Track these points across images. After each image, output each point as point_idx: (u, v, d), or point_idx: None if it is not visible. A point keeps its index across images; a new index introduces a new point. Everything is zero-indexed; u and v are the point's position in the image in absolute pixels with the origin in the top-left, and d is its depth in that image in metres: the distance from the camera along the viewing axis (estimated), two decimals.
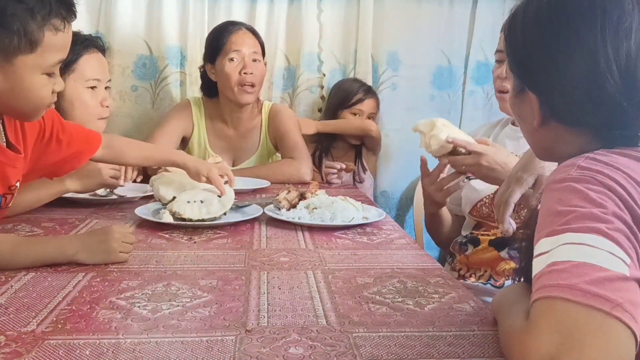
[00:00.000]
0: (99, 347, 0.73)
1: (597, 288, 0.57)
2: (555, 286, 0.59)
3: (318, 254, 1.18)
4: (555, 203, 0.67)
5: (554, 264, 0.61)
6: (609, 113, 0.76)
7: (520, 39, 0.84)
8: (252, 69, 2.04)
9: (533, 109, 0.82)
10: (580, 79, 0.76)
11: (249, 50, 2.05)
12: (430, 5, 2.46)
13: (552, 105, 0.80)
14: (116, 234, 1.07)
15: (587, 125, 0.78)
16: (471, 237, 1.57)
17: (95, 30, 2.30)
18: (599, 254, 0.60)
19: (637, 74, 0.75)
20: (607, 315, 0.56)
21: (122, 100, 2.35)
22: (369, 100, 2.36)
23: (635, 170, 0.69)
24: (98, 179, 1.52)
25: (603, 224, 0.62)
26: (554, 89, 0.79)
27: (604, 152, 0.72)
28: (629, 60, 0.74)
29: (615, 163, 0.69)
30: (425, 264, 1.14)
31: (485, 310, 0.89)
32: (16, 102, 1.11)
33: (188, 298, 0.91)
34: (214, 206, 1.37)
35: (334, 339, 0.77)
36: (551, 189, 0.70)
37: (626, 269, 0.59)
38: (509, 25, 0.87)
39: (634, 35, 0.75)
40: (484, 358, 0.74)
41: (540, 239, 0.65)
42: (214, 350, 0.73)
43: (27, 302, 0.87)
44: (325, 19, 2.42)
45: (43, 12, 1.05)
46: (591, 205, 0.64)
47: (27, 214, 1.43)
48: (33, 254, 1.03)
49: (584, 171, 0.68)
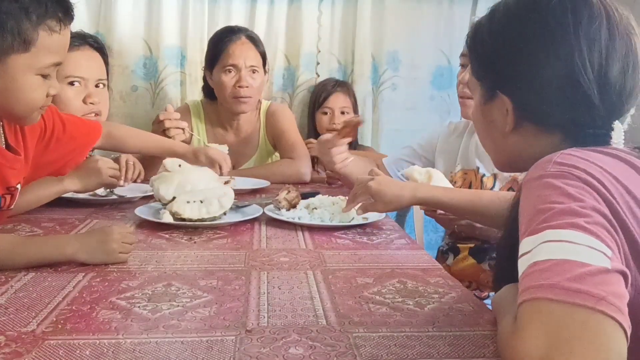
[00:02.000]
0: (99, 347, 0.73)
1: (579, 284, 0.57)
2: (538, 287, 0.59)
3: (318, 254, 1.18)
4: (534, 201, 0.67)
5: (536, 264, 0.61)
6: (582, 111, 0.78)
7: (489, 44, 0.86)
8: (248, 82, 2.02)
9: (504, 113, 0.84)
10: (555, 78, 0.78)
11: (246, 62, 2.02)
12: (430, 5, 2.47)
13: (527, 106, 0.81)
14: (116, 234, 1.07)
15: (560, 125, 0.80)
16: (452, 246, 1.58)
17: (95, 30, 2.30)
18: (579, 249, 0.60)
19: (608, 73, 0.77)
20: (591, 310, 0.56)
21: (122, 100, 2.36)
22: (337, 95, 2.32)
23: (609, 165, 0.69)
24: (98, 179, 1.51)
25: (582, 219, 0.62)
26: (528, 89, 0.80)
27: (578, 149, 0.73)
28: (600, 59, 0.76)
29: (589, 158, 0.70)
30: (425, 264, 1.14)
31: (485, 310, 0.89)
32: (8, 103, 1.10)
33: (188, 298, 0.91)
34: (214, 206, 1.37)
35: (334, 339, 0.77)
36: (529, 186, 0.70)
37: (607, 261, 0.59)
38: (473, 35, 0.89)
39: (603, 35, 0.77)
40: (484, 358, 0.74)
41: (522, 239, 0.66)
42: (214, 350, 0.73)
43: (27, 302, 0.87)
44: (325, 20, 2.42)
45: (38, 12, 1.04)
46: (569, 201, 0.64)
47: (27, 214, 1.43)
48: (32, 254, 1.03)
49: (561, 166, 0.69)
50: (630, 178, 0.69)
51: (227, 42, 2.03)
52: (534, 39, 0.79)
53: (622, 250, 0.63)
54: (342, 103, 2.32)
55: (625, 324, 0.56)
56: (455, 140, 1.70)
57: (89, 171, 1.50)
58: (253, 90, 2.04)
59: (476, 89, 0.91)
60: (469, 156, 1.63)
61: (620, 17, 0.79)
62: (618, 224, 0.64)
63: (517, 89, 0.82)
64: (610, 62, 0.77)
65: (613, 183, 0.67)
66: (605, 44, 0.77)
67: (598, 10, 0.78)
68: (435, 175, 1.43)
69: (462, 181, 1.60)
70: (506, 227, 0.86)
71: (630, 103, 0.80)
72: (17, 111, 1.13)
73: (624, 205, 0.66)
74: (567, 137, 0.80)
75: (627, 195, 0.67)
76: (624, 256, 0.63)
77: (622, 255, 0.63)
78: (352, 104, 2.37)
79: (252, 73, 2.04)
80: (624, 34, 0.78)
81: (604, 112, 0.77)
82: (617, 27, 0.78)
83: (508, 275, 0.79)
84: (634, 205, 0.66)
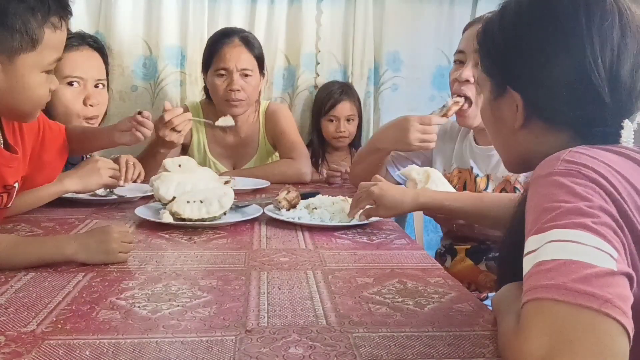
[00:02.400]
0: (99, 347, 0.73)
1: (584, 285, 0.57)
2: (543, 287, 0.59)
3: (318, 254, 1.18)
4: (542, 199, 0.67)
5: (541, 263, 0.61)
6: (593, 109, 0.77)
7: (500, 40, 0.85)
8: (240, 85, 2.01)
9: (514, 109, 0.83)
10: (566, 75, 0.77)
11: (237, 65, 2.01)
12: (431, 5, 2.47)
13: (537, 102, 0.81)
14: (115, 234, 1.07)
15: (570, 123, 0.80)
16: (449, 248, 1.58)
17: (95, 30, 2.30)
18: (585, 250, 0.60)
19: (619, 71, 0.77)
20: (596, 312, 0.56)
21: (122, 100, 2.36)
22: (343, 104, 2.33)
23: (618, 164, 0.69)
24: (98, 179, 1.51)
25: (589, 219, 0.62)
26: (539, 85, 0.80)
27: (587, 147, 0.73)
28: (612, 56, 0.76)
29: (598, 156, 0.70)
30: (425, 264, 1.14)
31: (485, 310, 0.89)
32: (16, 101, 1.11)
33: (188, 298, 0.91)
34: (214, 206, 1.37)
35: (333, 339, 0.77)
36: (537, 184, 0.70)
37: (613, 263, 0.59)
38: (484, 31, 0.88)
39: (615, 33, 0.76)
40: (483, 358, 0.73)
41: (528, 237, 0.65)
42: (214, 350, 0.73)
43: (27, 302, 0.87)
44: (325, 20, 2.42)
45: (42, 11, 1.06)
46: (577, 200, 0.64)
47: (27, 214, 1.43)
48: (31, 254, 1.03)
49: (569, 164, 0.68)
50: (638, 177, 0.68)
51: (220, 45, 2.03)
52: (546, 36, 0.79)
53: (628, 250, 0.63)
54: (349, 111, 2.35)
55: (628, 327, 0.56)
56: (450, 140, 1.71)
57: (89, 171, 1.51)
58: (245, 94, 2.03)
59: (486, 85, 0.90)
60: (463, 156, 1.63)
61: (633, 15, 0.78)
62: (625, 224, 0.64)
63: (527, 85, 0.82)
64: (621, 60, 0.76)
65: (621, 182, 0.66)
66: (617, 41, 0.76)
67: (610, 7, 0.77)
68: (433, 174, 1.42)
69: (457, 179, 1.61)
70: (510, 226, 0.86)
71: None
72: (24, 109, 1.14)
73: (632, 205, 0.65)
74: (577, 135, 0.79)
75: (635, 194, 0.66)
76: (630, 255, 0.63)
77: (628, 254, 0.62)
78: (357, 110, 2.40)
79: (245, 77, 2.03)
80: (635, 32, 0.78)
81: (614, 110, 0.77)
82: (629, 25, 0.77)
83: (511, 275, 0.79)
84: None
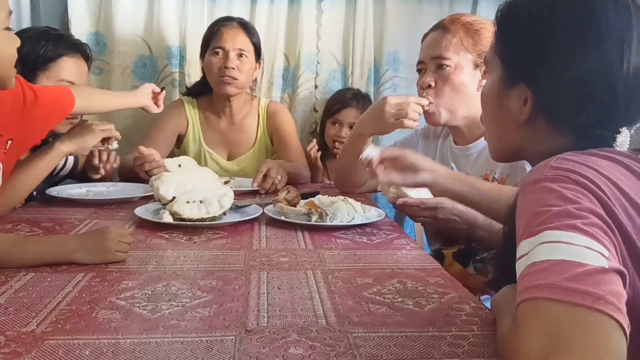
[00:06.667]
0: (99, 347, 0.73)
1: (577, 284, 0.57)
2: (536, 287, 0.59)
3: (318, 254, 1.18)
4: (532, 204, 0.68)
5: (534, 264, 0.61)
6: (601, 111, 0.77)
7: (526, 30, 0.82)
8: (234, 63, 2.04)
9: (521, 103, 0.82)
10: (591, 77, 0.76)
11: (234, 45, 2.05)
12: (431, 5, 2.47)
13: (548, 101, 0.80)
14: (113, 233, 1.07)
15: (574, 123, 0.79)
16: (437, 253, 1.58)
17: (95, 30, 2.30)
18: (577, 250, 0.60)
19: (637, 76, 0.76)
20: (590, 309, 0.56)
21: None
22: (349, 110, 2.33)
23: (606, 169, 0.70)
24: (91, 136, 1.55)
25: (578, 220, 0.62)
26: (558, 87, 0.79)
27: (575, 153, 0.73)
28: (637, 62, 0.75)
29: (585, 162, 0.70)
30: (425, 264, 1.14)
31: (485, 310, 0.89)
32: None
33: (188, 298, 0.91)
34: (214, 206, 1.37)
35: (333, 339, 0.77)
36: (526, 190, 0.71)
37: (605, 261, 0.59)
38: (507, 14, 0.86)
39: (635, 38, 0.76)
40: (484, 358, 0.74)
41: (520, 241, 0.66)
42: (213, 350, 0.73)
43: (27, 302, 0.87)
44: (325, 20, 2.42)
45: None
46: (566, 203, 0.65)
47: (27, 214, 1.43)
48: (30, 253, 1.03)
49: (557, 171, 0.69)
50: (627, 181, 0.69)
51: (219, 27, 2.08)
52: (579, 35, 0.77)
53: (619, 251, 0.64)
54: (353, 119, 2.34)
55: (624, 322, 0.56)
56: (434, 139, 1.76)
57: (82, 130, 1.55)
58: (239, 73, 2.05)
59: (495, 68, 0.88)
60: (444, 157, 1.67)
61: None
62: (615, 226, 0.64)
63: (544, 84, 0.80)
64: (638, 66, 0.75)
65: (609, 185, 0.67)
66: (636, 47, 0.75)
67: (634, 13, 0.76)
68: None
69: None
70: (505, 230, 0.86)
71: None
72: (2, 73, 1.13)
73: (620, 207, 0.66)
74: (577, 136, 0.78)
75: (622, 198, 0.67)
76: (621, 257, 0.64)
77: (619, 256, 0.63)
78: None
79: (240, 57, 2.05)
80: None
81: (622, 113, 0.77)
82: None
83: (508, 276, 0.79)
84: (629, 207, 0.67)
